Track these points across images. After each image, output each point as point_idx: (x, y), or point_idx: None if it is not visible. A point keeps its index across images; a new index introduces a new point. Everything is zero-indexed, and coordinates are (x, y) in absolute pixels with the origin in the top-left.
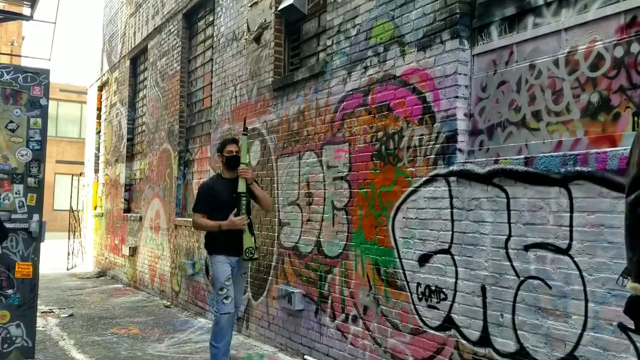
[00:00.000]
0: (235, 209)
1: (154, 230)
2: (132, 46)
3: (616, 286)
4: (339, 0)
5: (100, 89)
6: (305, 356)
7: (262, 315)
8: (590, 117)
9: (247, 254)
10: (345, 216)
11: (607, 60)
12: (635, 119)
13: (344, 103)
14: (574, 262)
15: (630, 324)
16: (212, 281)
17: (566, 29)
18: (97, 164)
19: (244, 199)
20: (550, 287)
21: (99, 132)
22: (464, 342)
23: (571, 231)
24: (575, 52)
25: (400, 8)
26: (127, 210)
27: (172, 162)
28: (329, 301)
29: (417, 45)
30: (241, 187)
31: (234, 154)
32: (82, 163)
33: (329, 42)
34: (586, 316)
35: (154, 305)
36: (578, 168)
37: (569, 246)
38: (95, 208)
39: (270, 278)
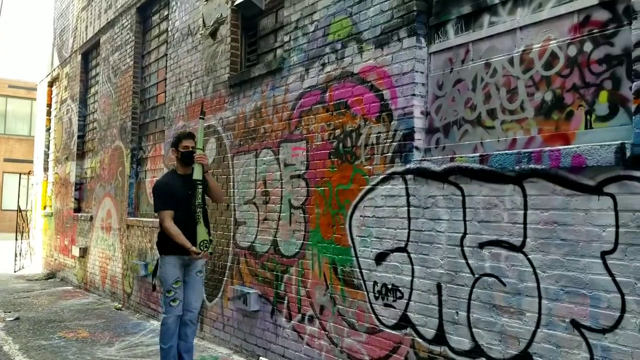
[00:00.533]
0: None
1: (105, 231)
2: (84, 41)
3: (569, 283)
4: None
5: (51, 84)
6: (261, 357)
7: (216, 317)
8: (544, 116)
9: (201, 248)
10: (302, 215)
11: (561, 59)
12: (588, 117)
13: (302, 100)
14: (528, 259)
15: (583, 321)
16: (160, 283)
17: (521, 28)
18: (46, 162)
19: (200, 187)
20: (504, 284)
21: (49, 129)
22: (419, 340)
23: (525, 229)
24: (529, 51)
25: (358, 5)
26: (78, 209)
27: (125, 160)
28: (285, 301)
29: (375, 42)
30: (197, 173)
31: (190, 149)
32: (32, 161)
33: (286, 38)
34: (540, 313)
35: (104, 308)
36: (532, 166)
37: (523, 243)
38: (44, 208)
39: (225, 279)
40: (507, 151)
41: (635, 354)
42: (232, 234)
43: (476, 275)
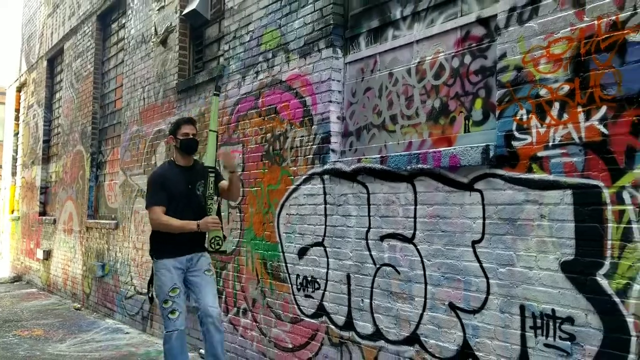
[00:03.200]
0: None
1: (66, 233)
2: (50, 47)
3: (448, 270)
4: (235, 7)
5: (19, 89)
6: (201, 350)
7: None
8: (434, 121)
9: (213, 245)
10: (238, 214)
11: (447, 70)
12: (466, 122)
13: (239, 106)
14: (417, 249)
15: (458, 303)
16: (156, 292)
17: (417, 41)
18: (14, 166)
19: (212, 175)
20: (399, 272)
21: (17, 134)
22: (332, 327)
23: (415, 222)
24: (423, 62)
25: (286, 17)
26: (43, 213)
27: (85, 163)
28: (223, 296)
29: (299, 52)
30: (209, 159)
31: (190, 136)
32: (0, 166)
33: (226, 47)
34: (425, 298)
35: (64, 308)
36: (420, 165)
37: (413, 235)
38: (12, 212)
39: None
40: (401, 153)
41: (497, 331)
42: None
43: (377, 266)
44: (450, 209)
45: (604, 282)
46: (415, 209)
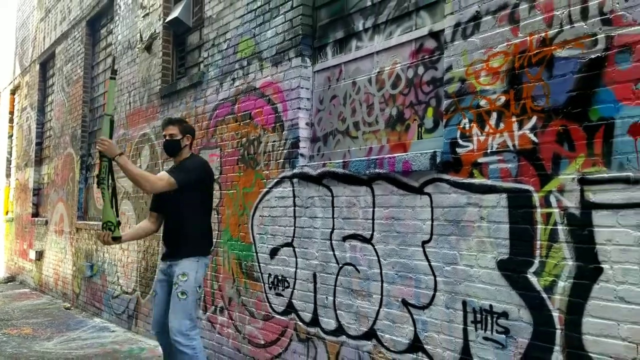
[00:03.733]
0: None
1: (57, 234)
2: (42, 51)
3: (401, 268)
4: (214, 16)
5: (13, 92)
6: None
7: (148, 312)
8: (391, 128)
9: (104, 229)
10: (216, 216)
11: (403, 80)
12: (420, 129)
13: (217, 111)
14: (375, 249)
15: (410, 300)
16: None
17: (377, 52)
18: (8, 168)
19: (105, 160)
20: (359, 271)
21: (11, 137)
22: (300, 323)
23: (373, 223)
24: (382, 72)
25: (260, 27)
26: (35, 214)
27: (75, 166)
28: (202, 295)
29: (272, 60)
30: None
31: (167, 138)
32: None
33: (205, 55)
34: (382, 295)
35: (54, 308)
36: (377, 170)
37: (372, 236)
38: (6, 213)
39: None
40: (361, 158)
41: (443, 326)
42: (161, 235)
43: (340, 265)
44: (403, 211)
45: (533, 280)
46: (373, 211)
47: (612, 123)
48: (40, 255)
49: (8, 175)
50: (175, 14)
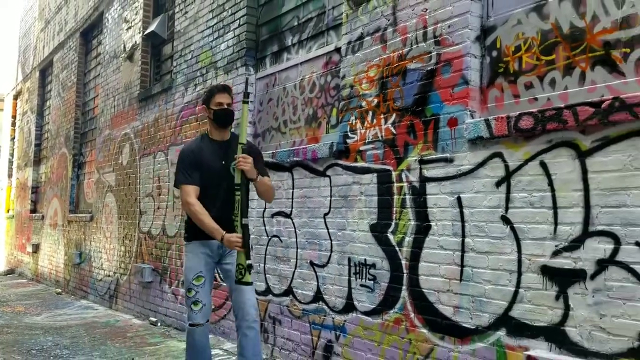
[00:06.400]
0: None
1: (52, 227)
2: (42, 59)
3: (310, 236)
4: (182, 30)
5: (16, 97)
6: (150, 317)
7: (125, 291)
8: (309, 125)
9: (237, 275)
10: (180, 202)
11: (317, 86)
12: (327, 125)
13: (182, 112)
14: (293, 222)
15: (315, 261)
16: (183, 279)
17: (301, 63)
18: (10, 169)
19: (238, 194)
20: (282, 241)
21: (13, 139)
22: None
23: (292, 202)
24: (304, 80)
25: (216, 40)
26: (33, 210)
27: (68, 164)
28: (168, 272)
29: (224, 69)
30: (237, 177)
31: (225, 106)
32: None
33: (175, 64)
34: (297, 259)
35: (47, 293)
36: (295, 158)
37: (291, 212)
38: (8, 211)
39: (132, 259)
40: (284, 149)
41: (335, 279)
42: (137, 222)
43: (269, 237)
44: (312, 190)
45: (391, 237)
46: (292, 192)
47: (438, 118)
48: (36, 247)
49: (10, 176)
50: (152, 27)
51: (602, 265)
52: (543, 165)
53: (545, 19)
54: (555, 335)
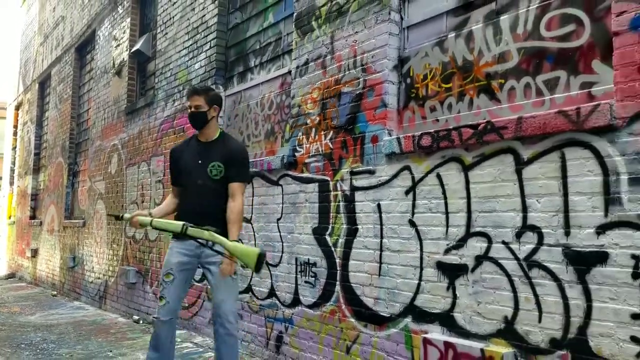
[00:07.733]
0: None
1: (49, 233)
2: (41, 72)
3: (266, 239)
4: (162, 49)
5: (17, 108)
6: (134, 316)
7: (113, 292)
8: (268, 139)
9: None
10: None
11: (274, 104)
12: (282, 140)
13: (162, 125)
14: (252, 227)
15: (270, 261)
16: None
17: (262, 83)
18: (12, 177)
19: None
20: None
21: (14, 148)
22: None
23: (252, 208)
24: (264, 98)
25: (191, 60)
26: (33, 217)
27: (64, 172)
28: (150, 273)
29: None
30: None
31: (192, 109)
32: (0, 177)
33: (156, 80)
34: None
35: (43, 295)
36: (255, 169)
37: (251, 218)
38: (9, 217)
39: (119, 262)
40: None
41: (285, 277)
42: (124, 227)
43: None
44: (268, 198)
45: (328, 239)
46: (252, 199)
47: (364, 135)
48: (35, 252)
49: (11, 183)
50: (138, 46)
51: (479, 260)
52: (439, 176)
53: (445, 52)
54: (446, 320)
